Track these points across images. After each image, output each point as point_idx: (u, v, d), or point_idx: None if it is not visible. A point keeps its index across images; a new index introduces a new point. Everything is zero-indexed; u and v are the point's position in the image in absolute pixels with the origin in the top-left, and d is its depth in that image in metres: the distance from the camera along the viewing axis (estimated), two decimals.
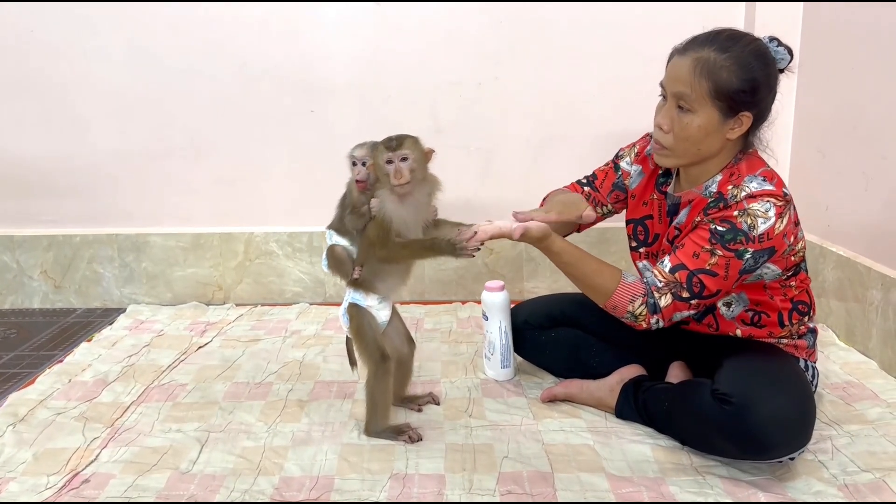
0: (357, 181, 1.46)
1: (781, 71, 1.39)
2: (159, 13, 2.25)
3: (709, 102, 1.33)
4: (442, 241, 1.37)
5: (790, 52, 1.38)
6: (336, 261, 1.51)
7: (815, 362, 1.54)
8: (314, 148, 2.35)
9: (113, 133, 2.35)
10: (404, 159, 1.37)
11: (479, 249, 1.36)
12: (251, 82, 2.31)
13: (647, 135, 1.61)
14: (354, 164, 1.46)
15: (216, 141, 2.36)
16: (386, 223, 1.40)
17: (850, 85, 1.95)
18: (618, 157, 1.65)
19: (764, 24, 2.12)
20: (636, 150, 1.62)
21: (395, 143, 1.38)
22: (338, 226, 1.52)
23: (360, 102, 2.32)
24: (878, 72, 1.83)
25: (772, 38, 1.38)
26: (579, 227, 1.69)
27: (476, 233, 1.36)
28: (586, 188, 1.67)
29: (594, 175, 1.68)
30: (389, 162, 1.38)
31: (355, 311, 1.49)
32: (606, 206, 1.66)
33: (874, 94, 1.85)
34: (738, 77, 1.31)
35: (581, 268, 1.45)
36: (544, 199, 1.66)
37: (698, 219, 1.39)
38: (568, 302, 1.75)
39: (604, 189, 1.65)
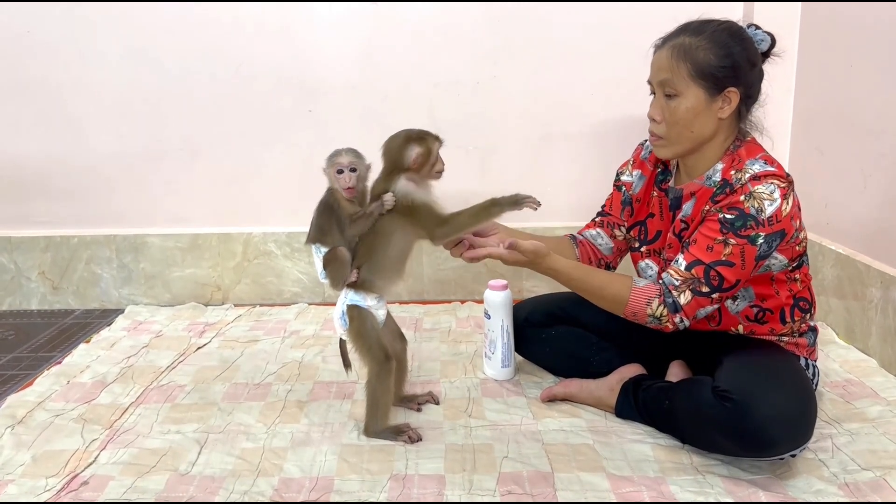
0: (347, 189, 1.45)
1: (767, 55, 1.43)
2: (156, 14, 2.24)
3: (692, 83, 1.37)
4: (501, 197, 1.40)
5: (771, 36, 1.42)
6: (339, 262, 1.47)
7: (815, 361, 1.54)
8: (312, 148, 2.33)
9: (110, 134, 2.34)
10: None
11: (539, 204, 1.39)
12: (248, 83, 2.30)
13: (640, 145, 1.64)
14: (341, 171, 1.45)
15: (213, 141, 2.35)
16: (421, 201, 1.42)
17: (849, 83, 1.95)
18: (617, 177, 1.67)
19: (762, 23, 2.10)
20: (632, 160, 1.65)
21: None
22: (321, 238, 1.49)
23: (358, 102, 2.31)
24: (876, 70, 1.83)
25: (750, 24, 1.43)
26: (606, 265, 1.70)
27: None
28: (598, 218, 1.71)
29: (602, 205, 1.71)
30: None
31: (356, 313, 1.48)
32: (623, 226, 1.67)
33: (872, 91, 1.85)
34: (714, 54, 1.36)
35: (590, 282, 1.46)
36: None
37: (706, 208, 1.40)
38: (569, 300, 1.74)
39: (615, 209, 1.67)
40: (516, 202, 1.39)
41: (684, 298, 1.37)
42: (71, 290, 2.44)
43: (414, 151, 1.42)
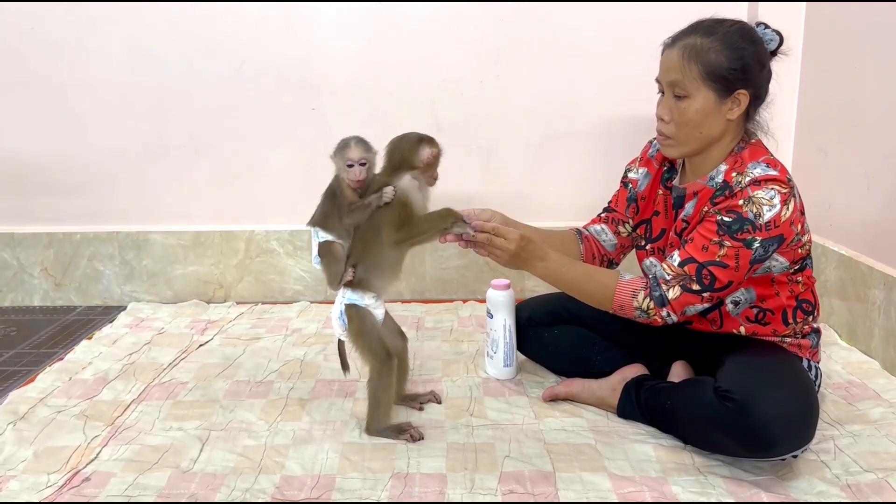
0: (357, 181, 1.46)
1: (774, 53, 1.42)
2: (159, 12, 2.24)
3: (702, 85, 1.36)
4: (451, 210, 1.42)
5: (779, 34, 1.41)
6: (333, 258, 1.49)
7: (818, 363, 1.54)
8: (314, 145, 2.33)
9: (113, 131, 2.34)
10: None
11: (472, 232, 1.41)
12: (251, 80, 2.30)
13: (649, 143, 1.64)
14: (351, 165, 1.46)
15: (216, 139, 2.35)
16: (409, 203, 1.42)
17: (853, 84, 1.95)
18: (625, 174, 1.68)
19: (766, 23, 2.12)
20: (639, 157, 1.65)
21: None
22: (323, 222, 1.51)
23: (361, 100, 2.31)
24: (879, 71, 1.83)
25: (759, 23, 1.42)
26: (609, 261, 1.70)
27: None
28: (603, 214, 1.71)
29: (609, 201, 1.71)
30: None
31: (355, 312, 1.48)
32: (628, 222, 1.67)
33: (876, 93, 1.84)
34: (726, 56, 1.35)
35: (577, 272, 1.47)
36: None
37: (706, 209, 1.40)
38: (571, 300, 1.74)
39: (620, 206, 1.67)
40: (459, 225, 1.40)
41: (673, 293, 1.37)
42: (73, 287, 2.44)
43: (426, 150, 1.44)
